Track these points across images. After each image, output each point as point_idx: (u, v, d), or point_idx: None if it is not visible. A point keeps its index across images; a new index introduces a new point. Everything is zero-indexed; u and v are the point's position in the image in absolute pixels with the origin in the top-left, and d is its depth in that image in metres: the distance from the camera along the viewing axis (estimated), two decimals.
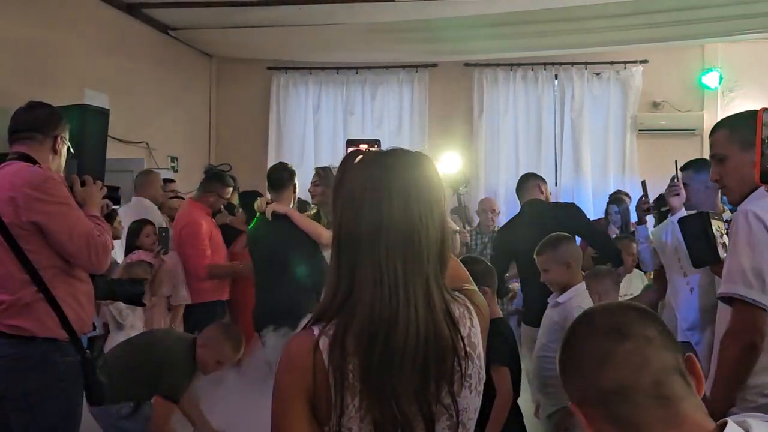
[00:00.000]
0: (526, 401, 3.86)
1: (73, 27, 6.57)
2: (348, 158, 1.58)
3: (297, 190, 4.96)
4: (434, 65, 8.75)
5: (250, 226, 5.17)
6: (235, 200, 6.62)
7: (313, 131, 8.92)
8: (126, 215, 5.73)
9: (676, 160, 4.28)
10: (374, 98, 8.85)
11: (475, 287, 1.71)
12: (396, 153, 1.58)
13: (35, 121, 3.09)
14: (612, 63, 8.45)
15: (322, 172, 4.91)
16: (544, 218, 4.90)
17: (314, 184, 4.90)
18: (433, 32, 7.75)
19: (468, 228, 6.31)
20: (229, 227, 6.17)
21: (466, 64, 8.67)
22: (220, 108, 9.23)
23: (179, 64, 8.44)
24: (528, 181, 5.49)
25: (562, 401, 3.52)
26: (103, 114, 5.71)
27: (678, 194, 4.08)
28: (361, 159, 1.56)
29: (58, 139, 3.11)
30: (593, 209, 8.13)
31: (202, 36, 8.36)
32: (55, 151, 3.11)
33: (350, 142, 1.77)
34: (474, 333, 1.55)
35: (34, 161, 3.01)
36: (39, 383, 2.88)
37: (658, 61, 8.40)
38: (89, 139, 5.17)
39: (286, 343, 1.56)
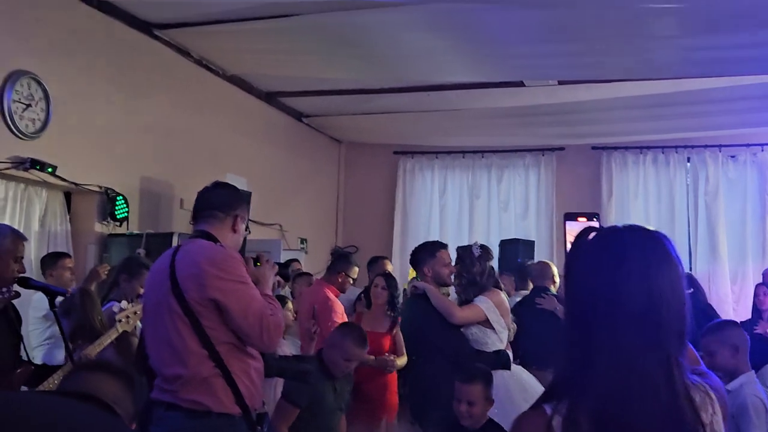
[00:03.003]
0: None
1: (216, 114, 6.91)
2: (582, 234, 1.56)
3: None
4: (561, 148, 8.72)
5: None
6: None
7: (438, 214, 8.99)
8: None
9: None
10: (500, 182, 8.87)
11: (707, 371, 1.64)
12: (633, 229, 1.55)
13: (216, 201, 3.20)
14: (748, 145, 8.21)
15: (462, 252, 4.87)
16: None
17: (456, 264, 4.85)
18: (561, 116, 7.75)
19: None
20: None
21: (594, 147, 8.60)
22: (347, 191, 9.46)
23: (311, 149, 8.74)
24: None
25: None
26: (246, 197, 5.94)
27: None
28: (596, 235, 1.54)
29: (238, 218, 3.21)
30: (731, 295, 7.84)
31: (333, 122, 8.66)
32: (234, 230, 3.20)
33: (568, 216, 1.76)
34: (716, 420, 1.48)
35: (215, 239, 3.11)
36: None
37: None
38: None
39: (515, 422, 1.51)
